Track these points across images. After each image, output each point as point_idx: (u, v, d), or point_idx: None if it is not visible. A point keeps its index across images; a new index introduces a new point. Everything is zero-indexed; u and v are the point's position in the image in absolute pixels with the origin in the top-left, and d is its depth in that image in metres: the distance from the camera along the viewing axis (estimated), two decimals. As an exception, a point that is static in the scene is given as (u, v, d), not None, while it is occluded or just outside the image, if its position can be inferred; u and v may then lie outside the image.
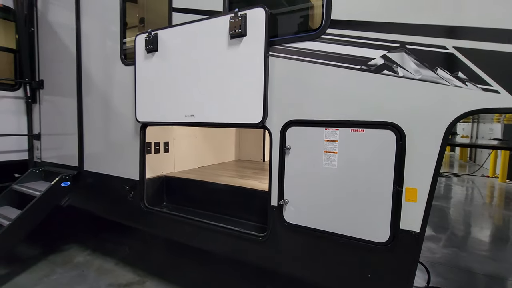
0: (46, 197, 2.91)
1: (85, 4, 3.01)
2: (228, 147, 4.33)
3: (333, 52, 1.67)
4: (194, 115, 2.18)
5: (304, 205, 1.82)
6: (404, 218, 1.54)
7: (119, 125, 2.78)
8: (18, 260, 3.27)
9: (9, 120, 3.55)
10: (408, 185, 1.52)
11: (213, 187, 2.65)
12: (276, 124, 1.89)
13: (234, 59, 1.96)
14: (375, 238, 1.60)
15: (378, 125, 1.57)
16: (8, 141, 3.55)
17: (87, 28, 3.02)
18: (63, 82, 3.29)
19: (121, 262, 3.33)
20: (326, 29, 1.69)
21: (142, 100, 2.48)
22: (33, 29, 3.55)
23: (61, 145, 3.40)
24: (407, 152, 1.51)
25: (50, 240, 3.79)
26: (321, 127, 1.73)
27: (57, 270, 3.12)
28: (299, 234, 1.85)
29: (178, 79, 2.25)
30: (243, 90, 1.94)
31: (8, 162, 3.58)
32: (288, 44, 1.82)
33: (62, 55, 3.27)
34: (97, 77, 2.96)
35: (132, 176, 2.72)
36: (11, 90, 3.57)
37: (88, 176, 3.13)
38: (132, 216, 2.76)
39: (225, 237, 2.19)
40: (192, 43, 2.16)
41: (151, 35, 2.35)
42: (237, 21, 1.90)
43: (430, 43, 1.43)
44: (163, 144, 3.05)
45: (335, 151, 1.70)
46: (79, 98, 3.12)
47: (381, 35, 1.54)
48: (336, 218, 1.71)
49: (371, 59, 1.57)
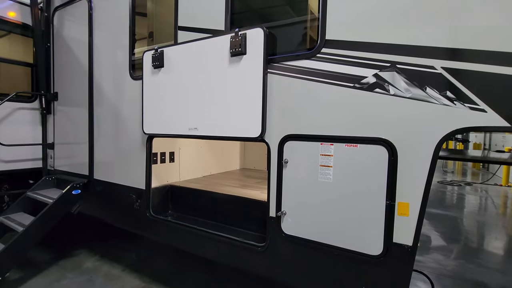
0: (58, 205, 3.05)
1: (97, 21, 3.19)
2: (233, 156, 4.42)
3: (327, 70, 1.75)
4: (197, 128, 2.28)
5: (301, 217, 1.87)
6: (397, 231, 1.58)
7: (127, 136, 2.91)
8: (31, 264, 3.41)
9: (25, 130, 3.75)
10: (400, 199, 1.56)
11: (215, 197, 2.73)
12: (274, 138, 1.97)
13: (235, 76, 2.06)
14: (369, 251, 1.64)
15: (371, 141, 1.62)
16: (24, 150, 3.74)
17: (99, 44, 3.19)
18: (76, 94, 3.46)
19: (127, 268, 3.43)
20: (321, 48, 1.76)
21: (148, 113, 2.60)
22: (49, 44, 3.76)
23: (73, 154, 3.56)
24: (399, 168, 1.56)
25: (61, 245, 3.94)
26: (316, 141, 1.80)
27: (67, 275, 3.24)
28: (296, 245, 1.91)
29: (182, 93, 2.36)
30: (243, 105, 2.03)
31: (24, 170, 3.77)
32: (286, 62, 1.90)
33: (75, 68, 3.45)
34: (107, 90, 3.11)
35: (138, 185, 2.83)
36: (28, 102, 3.77)
37: (97, 184, 3.26)
38: (138, 224, 2.86)
39: (226, 246, 2.25)
40: (195, 60, 2.27)
41: (157, 52, 2.48)
42: (237, 40, 2.00)
43: (419, 63, 1.49)
44: (169, 154, 3.16)
45: (330, 165, 1.76)
46: (90, 110, 3.27)
47: (373, 55, 1.61)
48: (332, 230, 1.76)
49: (363, 78, 1.64)
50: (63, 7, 3.57)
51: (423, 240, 4.57)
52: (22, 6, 3.72)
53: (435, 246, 4.35)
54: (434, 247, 4.31)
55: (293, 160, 1.89)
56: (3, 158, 3.54)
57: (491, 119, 1.34)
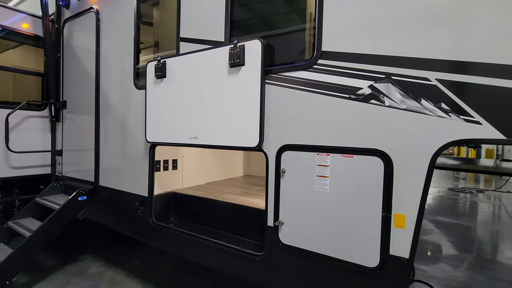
0: (64, 211, 3.13)
1: (104, 31, 3.29)
2: (236, 163, 4.45)
3: (324, 81, 1.76)
4: (197, 137, 2.31)
5: (298, 227, 1.87)
6: (393, 244, 1.56)
7: (131, 144, 2.98)
8: (37, 269, 3.49)
9: (35, 137, 3.87)
10: (396, 211, 1.55)
11: (216, 204, 2.75)
12: (272, 148, 1.98)
13: (233, 86, 2.10)
14: (366, 263, 1.63)
15: (367, 152, 1.62)
16: (34, 157, 3.86)
17: (105, 54, 3.29)
18: (83, 102, 3.57)
19: (131, 274, 3.47)
20: (317, 60, 1.78)
21: (151, 121, 2.66)
22: (59, 55, 3.90)
23: (79, 161, 3.65)
24: (394, 179, 1.55)
25: (67, 250, 4.02)
26: (313, 152, 1.81)
27: (72, 280, 3.31)
28: (293, 255, 1.91)
29: (183, 103, 2.41)
30: (241, 115, 2.06)
31: (34, 176, 3.88)
32: (283, 73, 1.93)
33: (83, 78, 3.56)
34: (112, 99, 3.20)
35: (141, 192, 2.88)
36: (38, 110, 3.90)
37: (102, 191, 3.33)
38: (141, 231, 2.91)
39: (225, 254, 2.27)
40: (196, 71, 2.32)
41: (160, 62, 2.54)
42: (236, 52, 2.04)
43: (414, 74, 1.49)
44: (172, 162, 3.21)
45: (326, 176, 1.76)
46: (96, 118, 3.36)
47: (368, 67, 1.62)
48: (329, 241, 1.75)
49: (359, 89, 1.64)
50: (73, 18, 3.70)
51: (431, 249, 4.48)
52: (34, 18, 3.87)
53: (444, 256, 4.25)
54: (443, 257, 4.21)
55: (290, 170, 1.90)
56: (14, 165, 3.66)
57: (487, 131, 1.32)
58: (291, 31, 2.12)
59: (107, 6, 3.26)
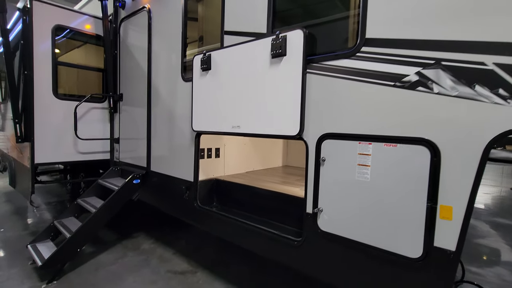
0: (122, 191, 3.51)
1: (155, 28, 3.56)
2: (276, 153, 4.52)
3: (367, 69, 1.73)
4: (240, 126, 2.43)
5: (337, 215, 1.90)
6: (438, 235, 1.51)
7: (179, 132, 3.22)
8: (100, 242, 3.99)
9: (97, 127, 4.36)
10: (443, 202, 1.50)
11: (256, 191, 2.87)
12: (312, 136, 2.02)
13: (275, 76, 2.15)
14: (408, 253, 1.61)
15: (412, 141, 1.58)
16: (96, 144, 4.35)
17: (156, 50, 3.56)
18: (137, 95, 3.91)
19: (178, 253, 3.79)
20: (360, 48, 1.76)
21: (197, 112, 2.84)
22: (116, 52, 4.30)
23: (134, 148, 4.04)
24: (442, 169, 1.49)
25: (123, 228, 4.50)
26: (354, 140, 1.80)
27: (128, 253, 3.72)
28: (331, 242, 1.94)
29: (227, 94, 2.54)
30: (283, 105, 2.12)
31: (95, 161, 4.39)
32: (325, 62, 1.93)
33: (137, 72, 3.90)
34: (162, 91, 3.46)
35: (187, 177, 3.11)
36: (99, 102, 4.38)
37: (153, 175, 3.66)
38: (187, 213, 3.15)
39: (264, 238, 2.38)
40: (239, 62, 2.42)
41: (205, 55, 2.69)
42: (278, 43, 2.09)
43: (467, 59, 1.40)
44: (215, 150, 3.40)
45: (368, 164, 1.75)
46: (148, 109, 3.68)
47: (415, 52, 1.56)
48: (369, 229, 1.75)
49: (405, 76, 1.59)
50: (128, 18, 4.05)
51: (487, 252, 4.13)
52: (95, 19, 4.31)
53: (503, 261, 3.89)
54: (501, 262, 3.86)
55: (330, 159, 1.92)
56: (81, 150, 4.18)
57: (552, 119, 1.21)
58: (334, 19, 2.10)
59: (157, 4, 3.50)
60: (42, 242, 3.41)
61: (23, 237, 4.13)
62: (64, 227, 3.37)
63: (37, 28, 3.67)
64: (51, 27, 3.83)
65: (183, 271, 3.32)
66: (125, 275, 3.18)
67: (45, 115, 3.81)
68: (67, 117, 4.01)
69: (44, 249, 3.23)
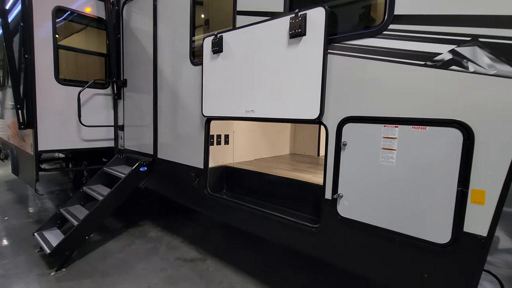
0: (129, 179, 3.45)
1: (161, 11, 3.42)
2: (283, 141, 4.46)
3: (395, 48, 1.65)
4: (254, 111, 2.35)
5: (359, 200, 1.85)
6: (469, 220, 1.47)
7: (187, 118, 3.13)
8: (106, 230, 3.95)
9: (101, 114, 4.26)
10: (475, 186, 1.44)
11: (268, 179, 2.81)
12: (332, 120, 1.94)
13: (293, 57, 2.06)
14: (434, 239, 1.56)
15: (443, 123, 1.51)
16: (100, 131, 4.26)
17: (162, 33, 3.43)
18: (142, 80, 3.80)
19: (186, 240, 3.76)
20: (388, 25, 1.67)
21: (208, 96, 2.75)
22: (119, 36, 4.16)
23: (139, 136, 3.95)
24: (475, 152, 1.43)
25: (128, 216, 4.47)
26: (379, 124, 1.73)
27: (136, 241, 3.69)
28: (351, 228, 1.90)
29: (240, 77, 2.44)
30: (301, 87, 2.03)
31: (99, 148, 4.30)
32: (348, 41, 1.84)
33: (141, 57, 3.77)
34: (169, 76, 3.36)
35: (197, 164, 3.04)
36: (102, 88, 4.26)
37: (160, 163, 3.59)
38: (196, 200, 3.10)
39: (279, 225, 2.33)
40: (254, 44, 2.32)
41: (217, 37, 2.58)
42: (297, 21, 1.98)
43: (509, 35, 1.32)
44: (224, 137, 3.32)
45: (393, 148, 1.68)
46: (154, 95, 3.57)
47: (450, 29, 1.47)
48: (392, 215, 1.71)
49: (437, 55, 1.51)
50: (131, 0, 3.89)
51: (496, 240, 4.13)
52: (96, 1, 4.14)
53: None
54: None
55: (352, 143, 1.86)
56: (85, 138, 4.09)
57: None
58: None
59: (163, -16, 3.36)
60: (49, 230, 3.36)
61: (27, 225, 4.08)
62: (71, 214, 3.31)
63: (37, 9, 3.52)
64: (52, 8, 3.67)
65: (192, 259, 3.30)
66: (134, 262, 3.15)
67: (47, 101, 3.70)
68: (69, 103, 3.91)
69: (51, 237, 3.19)
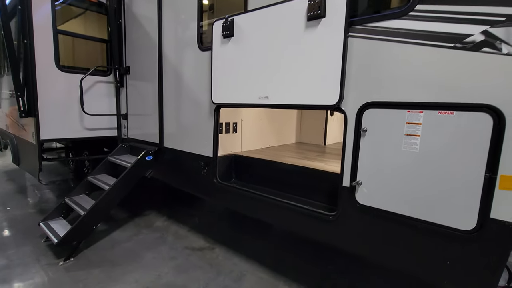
0: (135, 168, 3.39)
1: (165, -6, 3.29)
2: (289, 130, 4.41)
3: (422, 30, 1.59)
4: (268, 97, 2.28)
5: (379, 187, 1.82)
6: (496, 207, 1.44)
7: (195, 106, 3.05)
8: (112, 219, 3.91)
9: (103, 102, 4.15)
10: (505, 172, 1.41)
11: (280, 167, 2.77)
12: (352, 106, 1.89)
13: (311, 40, 1.99)
14: (459, 225, 1.55)
15: (472, 108, 1.47)
16: (102, 120, 4.16)
17: (167, 18, 3.31)
18: (146, 67, 3.69)
19: (192, 230, 3.74)
20: (415, 5, 1.60)
21: (217, 82, 2.67)
22: (121, 21, 4.01)
23: (144, 124, 3.87)
24: (505, 138, 1.40)
25: (133, 206, 4.43)
26: (403, 109, 1.68)
27: (142, 231, 3.66)
28: (371, 215, 1.87)
29: (253, 62, 2.37)
30: (320, 72, 1.97)
31: (102, 137, 4.22)
32: (370, 23, 1.77)
33: (145, 43, 3.65)
34: (176, 62, 3.26)
35: (206, 153, 2.99)
36: (104, 75, 4.14)
37: (167, 152, 3.53)
38: (205, 189, 3.06)
39: (293, 214, 2.31)
40: (268, 27, 2.23)
41: (228, 21, 2.49)
42: (316, 2, 1.90)
43: (547, 14, 1.27)
44: (232, 125, 3.26)
45: (417, 134, 1.64)
46: (160, 82, 3.48)
47: (482, 9, 1.41)
48: (415, 202, 1.68)
49: (468, 36, 1.45)
50: (133, -17, 3.74)
51: None
52: (96, -16, 3.98)
53: None
54: None
55: (373, 129, 1.81)
56: (87, 126, 4.00)
57: None
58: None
59: (168, -34, 3.22)
60: (54, 219, 3.31)
61: (31, 215, 4.02)
62: (77, 204, 3.26)
63: (36, -8, 3.37)
64: (50, -10, 3.52)
65: (200, 248, 3.28)
66: (142, 251, 3.13)
67: (48, 88, 3.59)
68: (71, 91, 3.80)
69: (58, 227, 3.14)
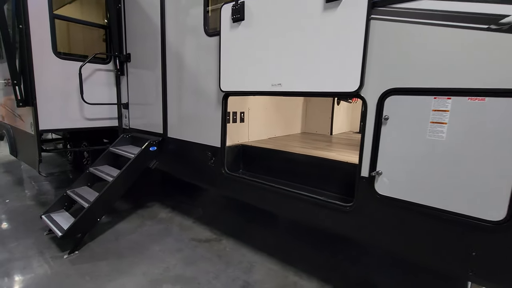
0: (139, 159, 3.29)
1: (168, -23, 3.13)
2: (295, 119, 4.32)
3: (452, 10, 1.50)
4: (282, 84, 2.19)
5: (401, 178, 1.75)
6: (528, 197, 1.39)
7: (202, 95, 2.94)
8: (115, 211, 3.83)
9: (102, 91, 4.01)
10: (539, 161, 1.35)
11: (291, 157, 2.70)
12: (373, 92, 1.81)
13: (330, 24, 1.89)
14: (487, 216, 1.50)
15: (506, 93, 1.39)
16: (102, 110, 4.03)
17: (171, 1, 3.15)
18: (148, 54, 3.55)
19: (197, 221, 3.69)
20: (446, -16, 1.50)
21: (226, 69, 2.56)
22: (120, 5, 3.84)
23: (146, 114, 3.75)
24: (541, 124, 1.33)
25: (136, 198, 4.35)
26: (429, 95, 1.61)
27: (147, 222, 3.59)
28: (391, 206, 1.82)
29: (265, 47, 2.26)
30: (339, 57, 1.88)
31: (102, 128, 4.09)
32: (395, 4, 1.67)
33: (147, 29, 3.50)
34: (180, 48, 3.12)
35: (213, 143, 2.90)
36: (104, 63, 3.99)
37: (171, 142, 3.43)
38: (213, 180, 2.98)
39: (307, 204, 2.25)
40: (281, 9, 2.12)
41: (238, 3, 2.36)
42: (336, -18, 1.79)
43: None
44: (239, 114, 3.17)
45: (444, 122, 1.57)
46: (163, 70, 3.35)
47: (522, -13, 1.32)
48: (440, 192, 1.62)
49: (504, 17, 1.37)
50: (133, -36, 3.55)
51: None
52: (93, -33, 3.79)
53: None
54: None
55: (395, 117, 1.74)
56: (87, 116, 3.87)
57: None
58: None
59: None
60: (56, 212, 3.22)
61: (31, 207, 3.93)
62: (79, 196, 3.17)
63: (30, -27, 3.18)
64: (46, -28, 3.33)
65: (207, 239, 3.23)
66: (148, 243, 3.07)
67: (46, 76, 3.44)
68: (70, 79, 3.65)
69: (60, 219, 3.06)
